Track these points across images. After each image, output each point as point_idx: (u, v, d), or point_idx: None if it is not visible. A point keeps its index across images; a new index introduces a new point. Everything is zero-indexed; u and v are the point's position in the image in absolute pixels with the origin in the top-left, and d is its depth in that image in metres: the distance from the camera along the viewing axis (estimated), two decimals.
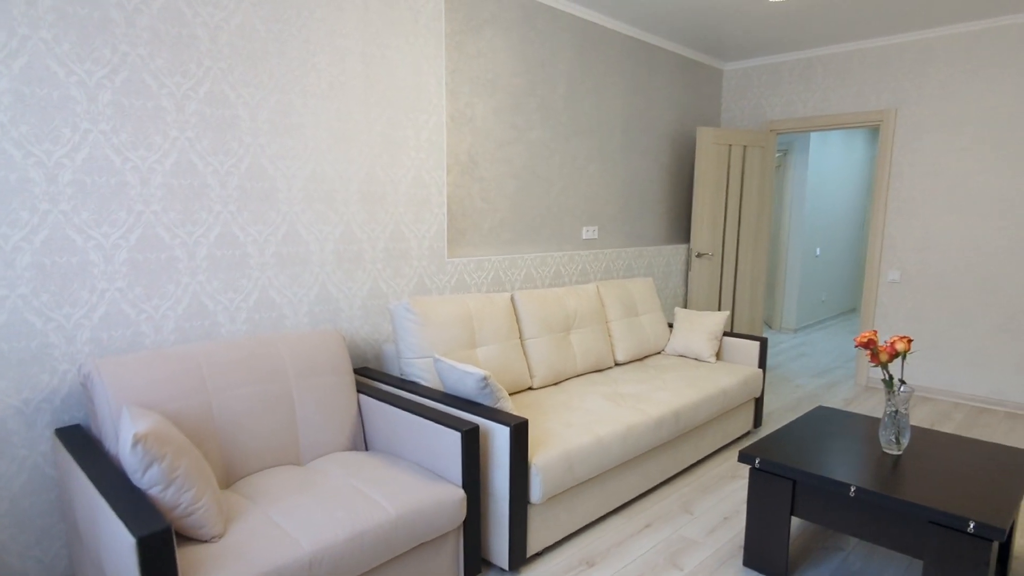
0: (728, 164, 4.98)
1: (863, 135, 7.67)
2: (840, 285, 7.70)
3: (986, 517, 1.84)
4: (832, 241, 7.31)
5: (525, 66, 3.72)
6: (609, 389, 3.14)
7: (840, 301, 7.77)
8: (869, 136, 7.85)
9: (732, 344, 3.80)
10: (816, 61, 4.92)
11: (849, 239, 7.74)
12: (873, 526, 2.06)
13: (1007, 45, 4.05)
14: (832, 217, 7.21)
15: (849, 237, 7.73)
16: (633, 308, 3.85)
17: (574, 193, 4.16)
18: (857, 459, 2.28)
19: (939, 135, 4.38)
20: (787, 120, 5.14)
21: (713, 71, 5.35)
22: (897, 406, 2.30)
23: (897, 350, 2.33)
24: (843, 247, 7.62)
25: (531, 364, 3.17)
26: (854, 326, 7.22)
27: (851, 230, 7.75)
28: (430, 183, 3.13)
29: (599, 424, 2.65)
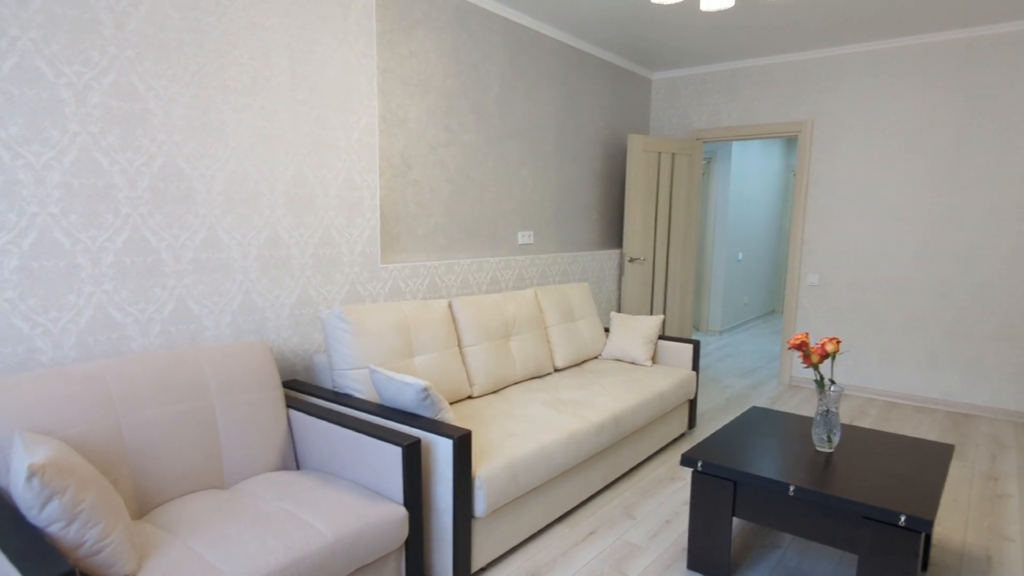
0: (658, 171, 5.09)
1: (779, 145, 8.07)
2: (760, 288, 8.05)
3: (915, 510, 1.91)
4: (752, 246, 7.63)
5: (458, 68, 3.65)
6: (550, 396, 3.10)
7: (761, 303, 8.12)
8: (785, 146, 8.27)
9: (667, 347, 3.86)
10: (740, 73, 5.12)
11: (767, 244, 8.11)
12: (810, 523, 2.11)
13: (909, 64, 4.35)
14: (752, 223, 7.53)
15: (767, 242, 8.10)
16: (571, 313, 3.84)
17: (509, 198, 4.12)
18: (793, 458, 2.33)
19: (851, 146, 4.65)
20: (713, 129, 5.31)
21: (642, 80, 5.47)
22: (828, 405, 2.37)
23: (827, 351, 2.40)
24: (762, 252, 7.97)
25: (471, 372, 3.09)
26: (774, 327, 7.56)
27: (769, 236, 8.13)
28: (362, 186, 3.00)
29: (542, 432, 2.60)
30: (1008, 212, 4.07)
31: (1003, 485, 3.11)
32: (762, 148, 7.57)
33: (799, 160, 4.90)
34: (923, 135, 4.34)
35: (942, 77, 4.24)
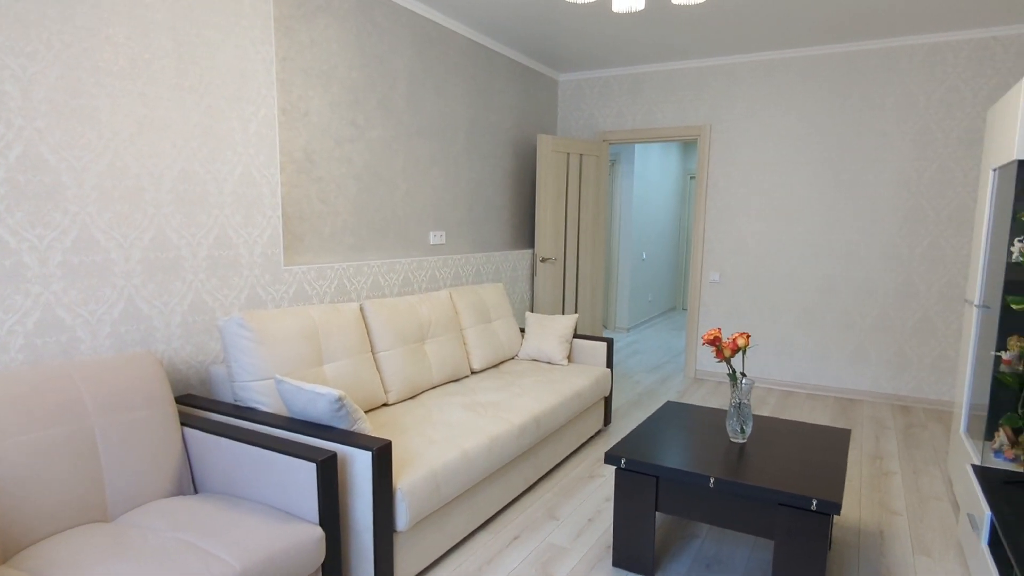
0: (567, 172, 5.14)
1: (676, 149, 8.44)
2: (663, 286, 8.38)
3: (824, 495, 2.00)
4: (655, 246, 7.92)
5: (363, 59, 3.48)
6: (469, 399, 3.01)
7: (663, 301, 8.45)
8: (682, 150, 8.65)
9: (581, 346, 3.88)
10: (643, 77, 5.27)
11: (668, 244, 8.45)
12: (730, 512, 2.16)
13: (797, 74, 4.66)
14: (654, 224, 7.82)
15: (668, 242, 8.44)
16: (486, 314, 3.78)
17: (420, 196, 3.99)
18: (710, 450, 2.39)
19: (747, 150, 4.91)
20: (618, 131, 5.44)
21: (549, 80, 5.51)
22: (741, 398, 2.45)
23: (739, 345, 2.49)
24: (664, 251, 8.30)
25: (385, 378, 2.94)
26: (677, 323, 7.89)
27: (669, 236, 8.48)
28: (261, 182, 2.78)
29: (463, 437, 2.51)
30: (882, 215, 4.45)
31: (887, 463, 3.38)
32: (662, 151, 7.88)
33: (699, 163, 5.12)
34: (810, 141, 4.66)
35: (825, 88, 4.57)
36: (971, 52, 4.13)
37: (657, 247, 8.03)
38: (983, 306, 2.86)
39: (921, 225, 4.35)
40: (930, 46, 4.24)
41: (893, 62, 4.35)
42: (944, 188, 4.26)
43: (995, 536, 2.12)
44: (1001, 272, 2.77)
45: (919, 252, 4.37)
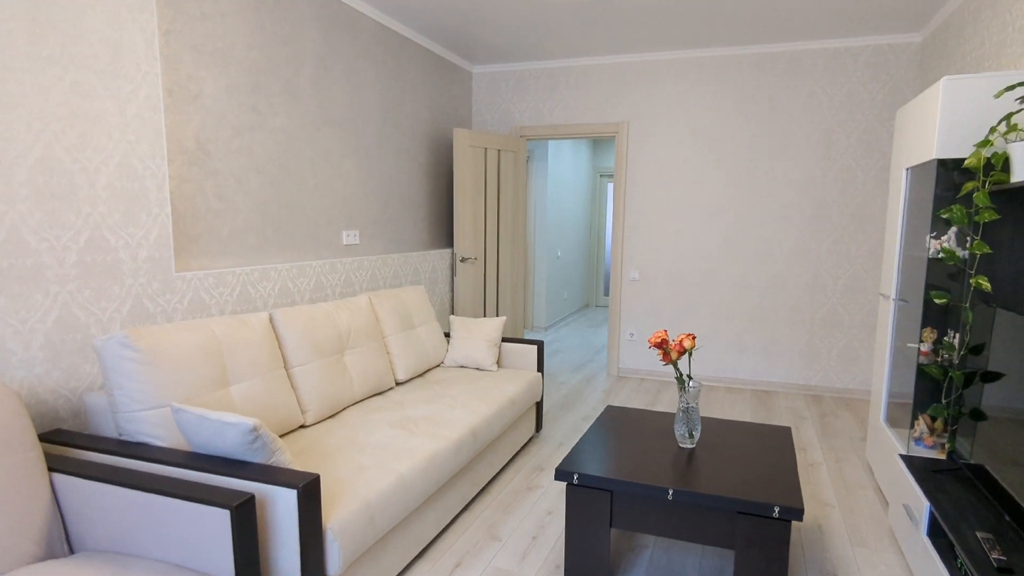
0: (485, 167, 4.94)
1: (587, 146, 8.48)
2: (577, 283, 8.40)
3: (786, 501, 1.94)
4: (569, 243, 7.92)
5: (264, 39, 3.11)
6: (397, 415, 2.75)
7: (578, 298, 8.48)
8: (591, 147, 8.71)
9: (510, 350, 3.71)
10: (559, 72, 5.18)
11: (580, 241, 8.48)
12: (688, 524, 2.06)
13: (710, 74, 4.73)
14: (567, 221, 7.81)
15: (580, 239, 8.47)
16: (409, 320, 3.51)
17: (331, 192, 3.65)
18: (660, 458, 2.28)
19: (664, 148, 4.94)
20: (536, 127, 5.31)
21: (463, 72, 5.28)
22: (689, 402, 2.37)
23: (685, 347, 2.40)
24: (577, 249, 8.32)
25: (301, 397, 2.61)
26: (592, 320, 7.92)
27: (581, 233, 8.51)
28: (145, 174, 2.37)
29: (397, 459, 2.25)
30: (792, 212, 4.62)
31: (811, 454, 3.47)
32: (573, 149, 7.88)
33: (617, 160, 5.10)
34: (724, 140, 4.76)
35: (737, 88, 4.68)
36: (868, 58, 4.36)
37: (571, 245, 8.03)
38: (901, 300, 2.97)
39: (827, 222, 4.55)
40: (831, 51, 4.43)
41: (798, 65, 4.51)
42: (847, 187, 4.48)
43: (934, 526, 2.16)
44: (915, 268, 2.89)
45: (826, 248, 4.57)
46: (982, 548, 1.85)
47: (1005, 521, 1.98)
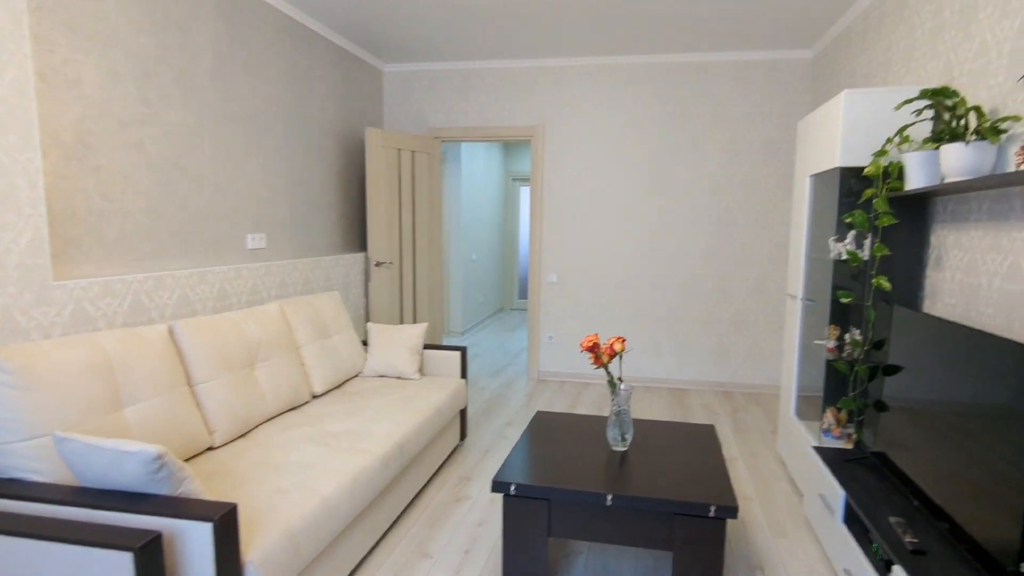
0: (399, 169, 4.79)
1: (499, 149, 8.48)
2: (491, 287, 8.36)
3: (720, 500, 1.97)
4: (483, 246, 7.87)
5: (154, 23, 2.82)
6: (315, 430, 2.56)
7: (493, 301, 8.44)
8: (503, 150, 8.72)
9: (433, 357, 3.59)
10: (473, 74, 5.11)
11: (494, 244, 8.46)
12: (626, 529, 2.05)
13: (623, 80, 4.84)
14: (481, 223, 7.76)
15: (494, 242, 8.45)
16: (324, 329, 3.31)
17: (234, 193, 3.38)
18: (594, 463, 2.27)
19: (579, 152, 5.00)
20: (450, 128, 5.22)
21: (373, 70, 5.10)
22: (621, 405, 2.37)
23: (616, 350, 2.40)
24: (490, 251, 8.28)
25: (208, 416, 2.37)
26: (508, 323, 7.91)
27: (495, 235, 8.49)
28: (14, 169, 2.06)
29: (319, 480, 2.08)
30: (701, 217, 4.82)
31: (727, 450, 3.61)
32: (486, 152, 7.84)
33: (533, 164, 5.10)
34: (638, 145, 4.88)
35: (649, 95, 4.81)
36: (766, 71, 4.62)
37: (485, 248, 7.98)
38: (808, 300, 3.15)
39: (733, 227, 4.78)
40: (734, 63, 4.66)
41: (705, 75, 4.71)
42: (750, 193, 4.73)
43: (849, 514, 2.28)
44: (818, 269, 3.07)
45: (732, 251, 4.80)
46: (896, 532, 1.97)
47: (914, 506, 2.12)
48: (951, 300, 2.41)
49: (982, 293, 2.20)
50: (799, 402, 3.24)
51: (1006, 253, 2.08)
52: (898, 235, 2.62)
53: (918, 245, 2.64)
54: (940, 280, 2.50)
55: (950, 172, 2.14)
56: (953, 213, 2.42)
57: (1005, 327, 2.06)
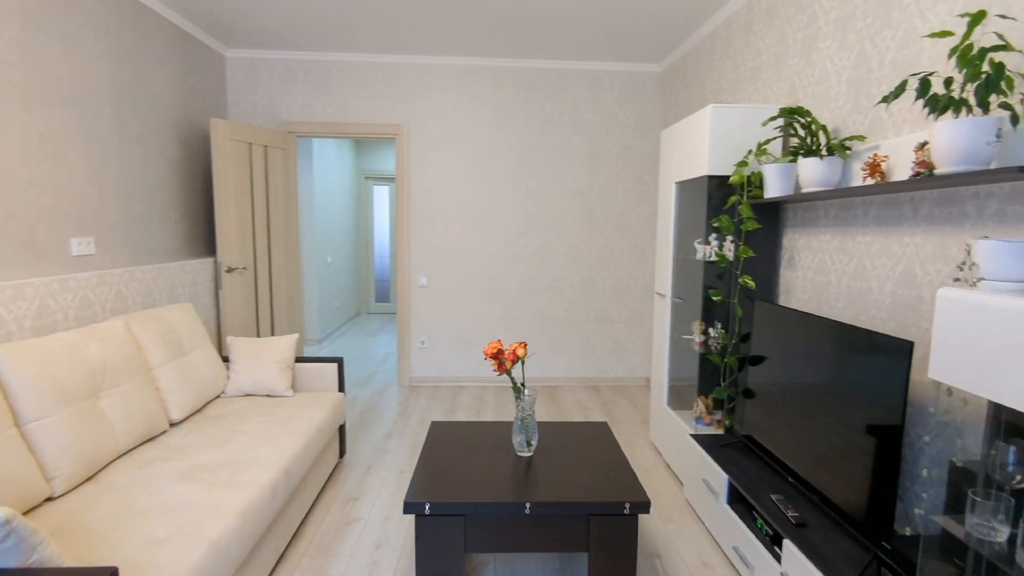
0: (251, 165, 4.37)
1: (350, 146, 8.10)
2: (347, 291, 7.97)
3: (634, 497, 2.04)
4: (337, 248, 7.47)
5: None
6: (183, 464, 2.23)
7: (349, 306, 8.05)
8: (355, 147, 8.35)
9: (306, 371, 3.31)
10: (332, 66, 4.82)
11: (348, 246, 8.07)
12: (542, 535, 2.04)
13: (488, 82, 4.85)
14: (335, 225, 7.36)
15: (348, 244, 8.06)
16: (179, 346, 2.90)
17: (51, 190, 2.84)
18: (504, 472, 2.23)
19: (445, 153, 4.92)
20: (307, 123, 4.87)
21: (215, 55, 4.60)
22: (526, 410, 2.36)
23: (518, 355, 2.39)
24: (345, 254, 7.89)
25: (45, 460, 1.95)
26: (367, 328, 7.59)
27: (349, 237, 8.11)
28: None
29: (202, 523, 1.81)
30: (566, 219, 4.99)
31: None
32: (336, 148, 7.45)
33: (399, 163, 4.93)
34: (504, 147, 4.92)
35: (513, 98, 4.88)
36: (621, 82, 4.91)
37: (340, 250, 7.59)
38: (678, 298, 3.38)
39: (596, 229, 5.02)
40: (592, 73, 4.89)
41: (566, 83, 4.89)
42: (610, 197, 4.99)
43: (733, 494, 2.49)
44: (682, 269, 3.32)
45: (595, 252, 5.03)
46: (778, 508, 2.18)
47: (789, 482, 2.36)
48: (804, 296, 2.72)
49: (831, 289, 2.52)
50: (670, 393, 3.48)
51: (852, 254, 2.39)
52: (759, 238, 2.91)
53: (774, 247, 2.95)
54: (794, 278, 2.81)
55: (806, 183, 2.41)
56: (803, 219, 2.74)
57: (853, 318, 2.37)
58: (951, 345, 1.38)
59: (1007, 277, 1.37)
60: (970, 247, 1.80)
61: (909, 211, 2.08)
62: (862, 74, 2.37)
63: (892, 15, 2.20)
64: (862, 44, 2.37)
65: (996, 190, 1.73)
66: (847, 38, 2.47)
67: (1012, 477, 1.39)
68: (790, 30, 2.92)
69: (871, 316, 2.26)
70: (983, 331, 1.29)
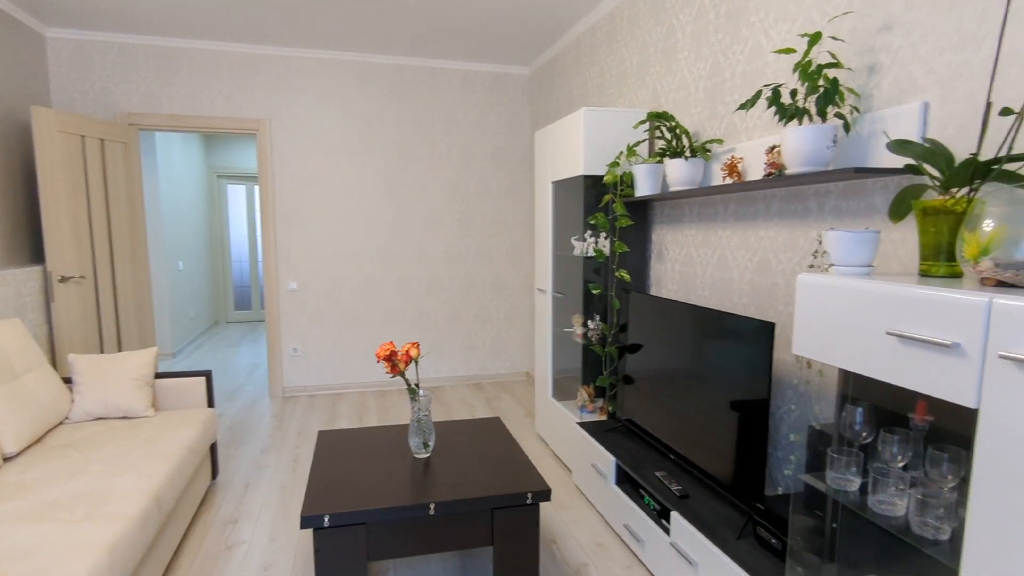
0: (84, 160, 3.88)
1: (198, 142, 7.46)
2: (203, 299, 7.32)
3: (535, 486, 2.09)
4: (190, 254, 6.84)
5: None
6: (28, 503, 1.94)
7: (206, 316, 7.39)
8: (204, 143, 7.70)
9: (168, 387, 3.00)
10: (179, 53, 4.40)
11: (202, 250, 7.42)
12: (446, 535, 2.03)
13: (356, 78, 4.70)
14: (185, 227, 6.73)
15: (202, 248, 7.41)
16: (10, 368, 2.50)
17: None
18: (403, 475, 2.19)
19: (314, 151, 4.70)
20: (151, 115, 4.40)
21: (30, 33, 4.01)
22: (421, 411, 2.33)
23: (412, 356, 2.36)
24: (199, 259, 7.25)
25: None
26: (227, 339, 7.02)
27: (202, 241, 7.46)
28: None
29: (60, 566, 1.59)
30: (442, 219, 4.97)
31: None
32: (183, 144, 6.82)
33: (260, 161, 4.63)
34: (376, 146, 4.79)
35: (384, 95, 4.77)
36: (491, 83, 4.99)
37: (192, 255, 6.95)
38: (559, 293, 3.51)
39: (472, 228, 5.05)
40: (463, 73, 4.92)
41: (437, 82, 4.87)
42: (485, 196, 5.05)
43: (620, 476, 2.64)
44: (559, 265, 3.46)
45: (473, 251, 5.07)
46: (663, 484, 2.35)
47: (671, 460, 2.55)
48: (673, 286, 2.95)
49: (698, 279, 2.76)
50: (555, 385, 3.60)
51: (715, 247, 2.63)
52: (632, 234, 3.11)
53: (645, 242, 3.16)
54: (664, 270, 3.04)
55: (673, 182, 2.62)
56: (671, 216, 2.97)
57: (719, 305, 2.61)
58: (810, 323, 1.58)
59: (852, 263, 1.59)
60: (821, 237, 2.06)
61: (763, 207, 2.33)
62: (717, 83, 2.61)
63: (740, 31, 2.45)
64: (716, 56, 2.62)
65: (834, 188, 2.00)
66: (702, 50, 2.71)
67: (859, 434, 1.61)
68: (651, 40, 3.15)
69: (734, 302, 2.50)
70: (833, 309, 1.49)
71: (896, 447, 1.49)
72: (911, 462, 1.50)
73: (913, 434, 1.50)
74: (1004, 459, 1.03)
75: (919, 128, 1.68)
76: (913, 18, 1.71)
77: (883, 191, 1.82)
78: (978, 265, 1.21)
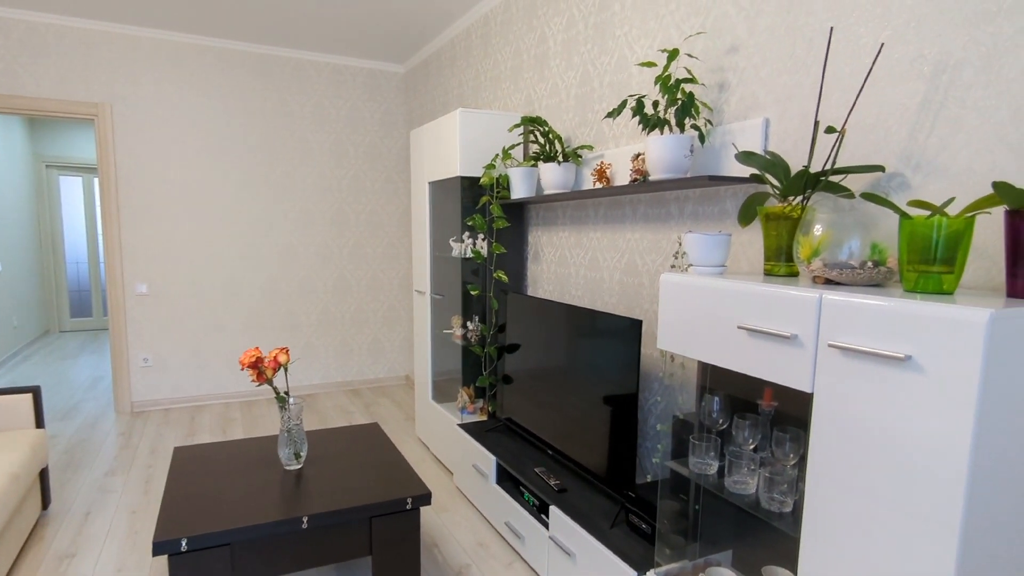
0: None
1: (20, 125, 6.55)
2: (30, 306, 6.42)
3: (415, 491, 2.05)
4: (11, 253, 5.97)
5: None
6: None
7: (34, 325, 6.49)
8: (28, 127, 6.78)
9: None
10: None
11: (28, 251, 6.52)
12: (322, 549, 1.94)
13: (215, 65, 4.36)
14: (7, 223, 5.87)
15: (26, 249, 6.51)
16: None
17: None
18: (272, 489, 2.06)
19: (164, 141, 4.29)
20: None
21: None
22: (292, 420, 2.21)
23: (280, 362, 2.23)
24: (25, 261, 6.35)
25: None
26: (62, 350, 6.21)
27: (28, 240, 6.55)
28: None
29: None
30: (314, 217, 4.74)
31: None
32: (3, 129, 5.96)
33: (101, 151, 4.15)
34: (237, 139, 4.47)
35: (246, 85, 4.46)
36: (364, 79, 4.85)
37: (15, 256, 6.08)
38: (438, 294, 3.48)
39: (346, 227, 4.87)
40: (334, 67, 4.74)
41: (305, 75, 4.65)
42: (359, 195, 4.90)
43: (501, 475, 2.67)
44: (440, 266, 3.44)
45: (347, 251, 4.89)
46: (542, 479, 2.41)
47: (550, 456, 2.62)
48: (549, 287, 3.04)
49: (572, 280, 2.86)
50: (434, 388, 3.57)
51: (587, 249, 2.74)
52: (508, 236, 3.16)
53: (522, 243, 3.23)
54: (539, 271, 3.12)
55: (547, 185, 2.70)
56: (545, 218, 3.06)
57: (591, 304, 2.72)
58: (672, 320, 1.69)
59: (707, 263, 1.73)
60: (681, 240, 2.21)
61: (630, 211, 2.47)
62: (587, 91, 2.73)
63: (607, 43, 2.58)
64: (585, 66, 2.73)
65: (692, 194, 2.16)
66: (573, 59, 2.82)
67: (717, 421, 1.75)
68: (524, 46, 3.22)
69: (604, 301, 2.62)
70: (692, 306, 1.61)
71: (747, 431, 1.64)
72: (760, 444, 1.65)
73: (762, 418, 1.66)
74: (834, 436, 1.17)
75: (762, 141, 1.86)
76: (755, 42, 1.89)
77: (733, 197, 1.99)
78: (811, 265, 1.36)
